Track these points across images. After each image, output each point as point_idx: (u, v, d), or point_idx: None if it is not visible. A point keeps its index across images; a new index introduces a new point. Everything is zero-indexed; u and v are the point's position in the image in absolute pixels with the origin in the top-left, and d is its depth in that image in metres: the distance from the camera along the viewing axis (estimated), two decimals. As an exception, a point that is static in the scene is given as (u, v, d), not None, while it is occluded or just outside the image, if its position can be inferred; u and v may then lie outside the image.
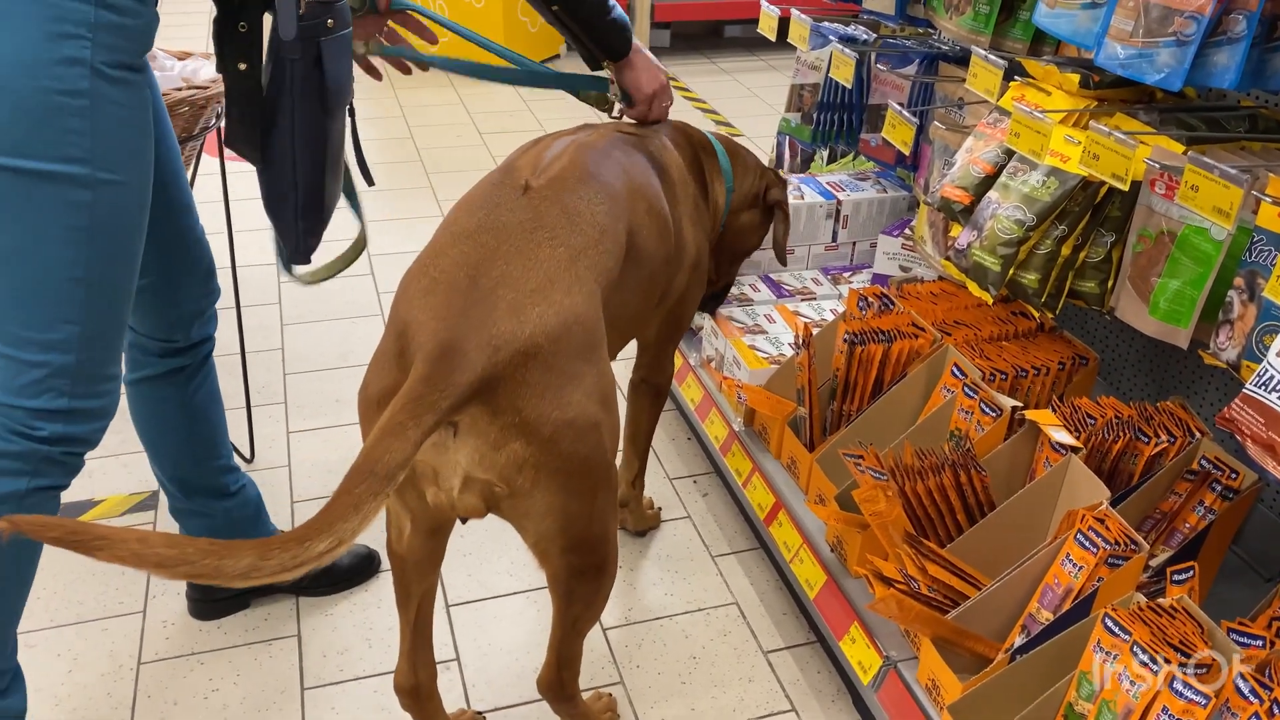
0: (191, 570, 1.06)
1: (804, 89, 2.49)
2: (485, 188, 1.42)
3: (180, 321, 1.69)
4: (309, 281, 1.76)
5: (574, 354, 1.24)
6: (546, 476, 1.24)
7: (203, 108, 1.96)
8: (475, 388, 1.16)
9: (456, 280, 1.24)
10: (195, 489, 1.80)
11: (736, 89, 4.91)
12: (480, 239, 1.29)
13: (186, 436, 1.76)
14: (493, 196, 1.38)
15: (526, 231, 1.30)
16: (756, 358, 2.08)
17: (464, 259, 1.26)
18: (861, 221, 2.43)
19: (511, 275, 1.24)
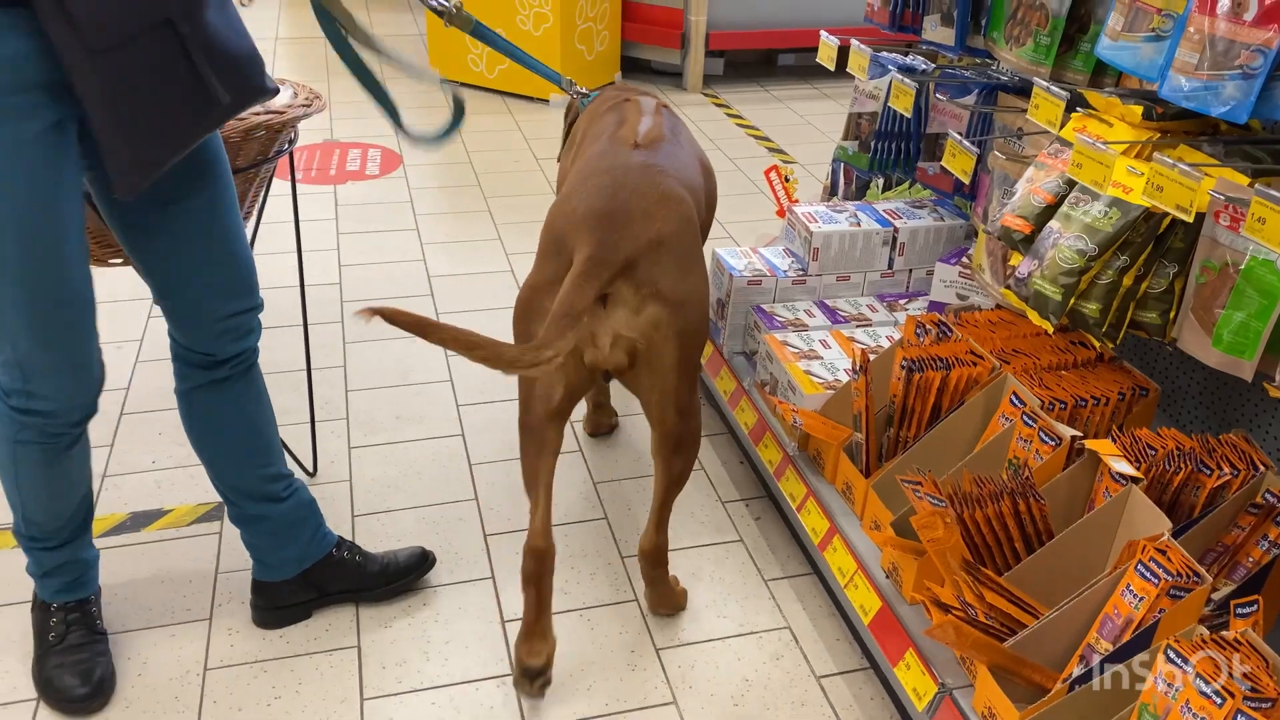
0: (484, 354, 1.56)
1: (861, 117, 2.52)
2: (603, 148, 1.86)
3: (217, 337, 1.74)
4: (430, 143, 1.99)
5: (688, 246, 1.72)
6: (673, 334, 1.67)
7: (278, 131, 2.03)
8: (624, 264, 1.61)
9: (598, 200, 1.67)
10: (247, 494, 1.88)
11: (790, 117, 4.95)
12: (611, 175, 1.74)
13: (233, 444, 1.84)
14: (610, 151, 1.84)
15: (642, 169, 1.76)
16: (812, 383, 2.09)
17: (601, 187, 1.70)
18: (918, 249, 2.44)
19: (639, 194, 1.69)
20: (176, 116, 1.43)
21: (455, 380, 2.74)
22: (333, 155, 4.26)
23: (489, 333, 2.89)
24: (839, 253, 2.40)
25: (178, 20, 1.37)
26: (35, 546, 1.78)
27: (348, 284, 3.24)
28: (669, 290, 1.65)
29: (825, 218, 2.42)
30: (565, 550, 2.14)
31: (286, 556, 1.92)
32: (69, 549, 1.80)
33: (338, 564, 1.96)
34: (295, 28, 6.16)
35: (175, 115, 1.42)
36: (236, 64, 1.47)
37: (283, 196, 2.33)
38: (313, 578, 1.94)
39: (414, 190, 3.97)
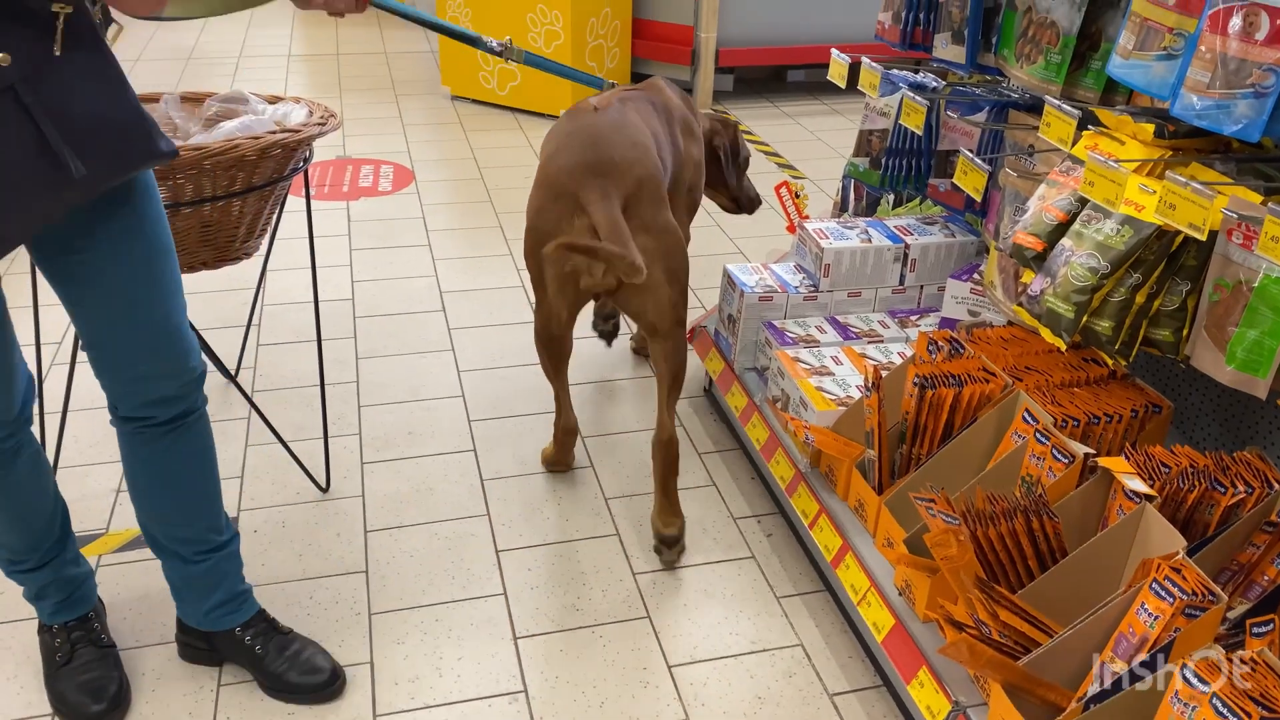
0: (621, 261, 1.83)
1: (873, 134, 2.53)
2: (566, 119, 2.16)
3: (141, 404, 1.64)
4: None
5: (659, 188, 2.02)
6: (659, 258, 1.97)
7: (294, 150, 2.05)
8: (622, 201, 1.90)
9: (582, 154, 1.96)
10: (155, 542, 1.79)
11: (800, 132, 4.96)
12: (584, 133, 2.02)
13: (148, 498, 1.75)
14: (576, 118, 2.11)
15: (611, 127, 2.04)
16: (824, 399, 2.09)
17: (579, 144, 1.99)
18: (929, 265, 2.44)
19: (614, 147, 1.98)
20: (21, 191, 1.31)
21: (467, 396, 2.75)
22: (345, 171, 4.29)
23: (502, 347, 2.93)
24: (850, 269, 2.40)
25: (21, 88, 1.27)
26: (15, 570, 1.76)
27: (360, 300, 3.26)
28: (651, 220, 1.98)
29: (836, 234, 2.43)
30: (576, 567, 2.14)
31: (188, 610, 1.85)
32: (50, 569, 1.77)
33: (237, 643, 1.84)
34: (308, 44, 6.22)
35: (20, 190, 1.31)
36: (101, 132, 1.36)
37: (297, 213, 2.34)
38: (215, 641, 1.86)
39: (426, 206, 3.99)
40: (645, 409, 2.71)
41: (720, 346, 2.55)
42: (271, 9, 6.92)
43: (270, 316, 3.10)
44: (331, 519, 2.27)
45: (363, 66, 5.79)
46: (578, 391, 2.75)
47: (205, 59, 5.79)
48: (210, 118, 2.30)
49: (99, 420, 2.56)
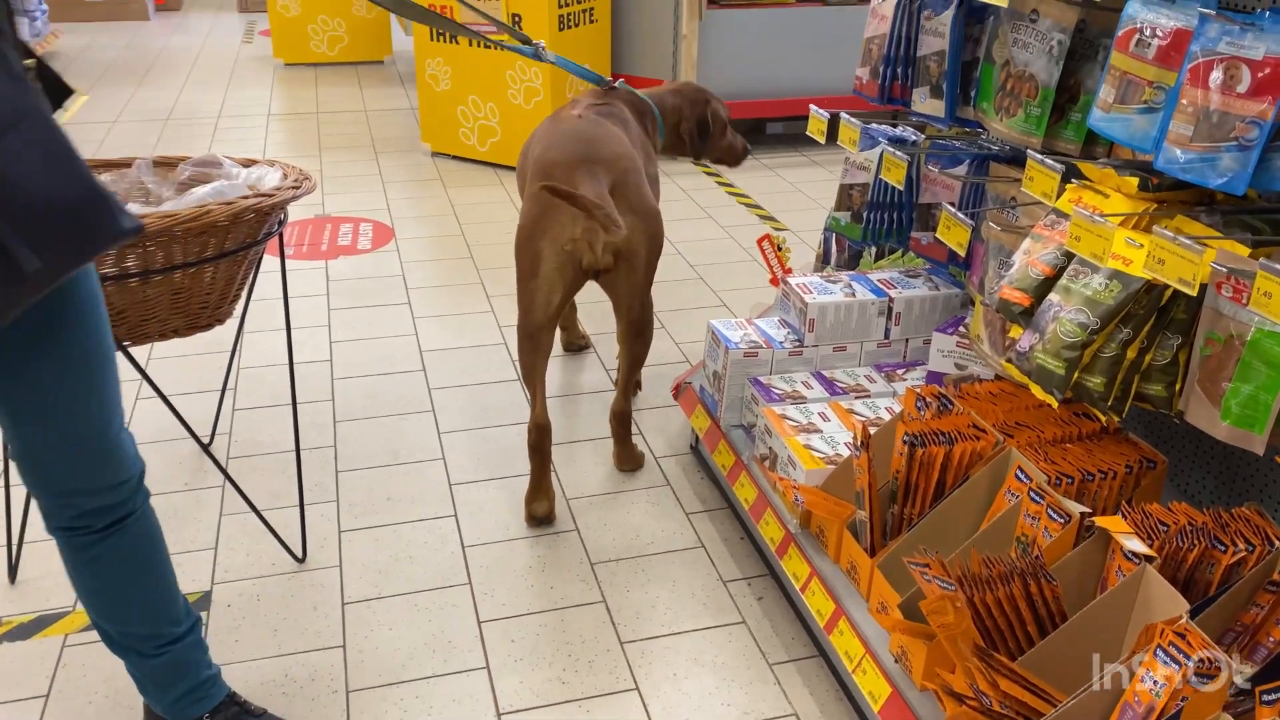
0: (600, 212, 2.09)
1: (853, 188, 2.52)
2: (551, 124, 2.44)
3: (74, 516, 1.54)
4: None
5: (641, 175, 2.32)
6: (645, 238, 2.28)
7: (267, 214, 2.01)
8: (609, 184, 2.17)
9: (573, 150, 2.24)
10: (107, 636, 1.68)
11: (780, 184, 4.98)
12: (573, 135, 2.30)
13: (91, 595, 1.64)
14: (561, 124, 2.39)
15: (594, 128, 2.34)
16: (812, 457, 2.05)
17: (569, 143, 2.26)
18: (914, 318, 2.42)
19: (601, 144, 2.28)
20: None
21: (448, 458, 2.69)
22: (324, 230, 4.26)
23: (482, 406, 2.88)
24: (835, 324, 2.38)
25: None
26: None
27: (339, 361, 3.20)
28: (638, 205, 2.25)
29: (820, 288, 2.41)
30: (561, 637, 2.08)
31: (153, 699, 1.76)
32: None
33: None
34: (288, 104, 6.23)
35: None
36: (54, 216, 1.21)
37: (274, 273, 2.29)
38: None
39: (406, 264, 3.96)
40: (630, 471, 2.65)
41: (706, 403, 2.51)
42: (252, 72, 6.95)
43: (247, 380, 3.05)
44: (308, 591, 2.20)
45: (342, 124, 5.80)
46: (561, 453, 2.70)
47: (184, 120, 5.78)
48: (184, 182, 2.27)
49: (68, 491, 2.50)
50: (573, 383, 3.10)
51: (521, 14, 4.72)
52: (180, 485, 2.54)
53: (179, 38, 8.04)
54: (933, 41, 2.20)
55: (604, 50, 5.19)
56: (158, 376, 2.88)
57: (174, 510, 2.45)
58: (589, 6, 4.96)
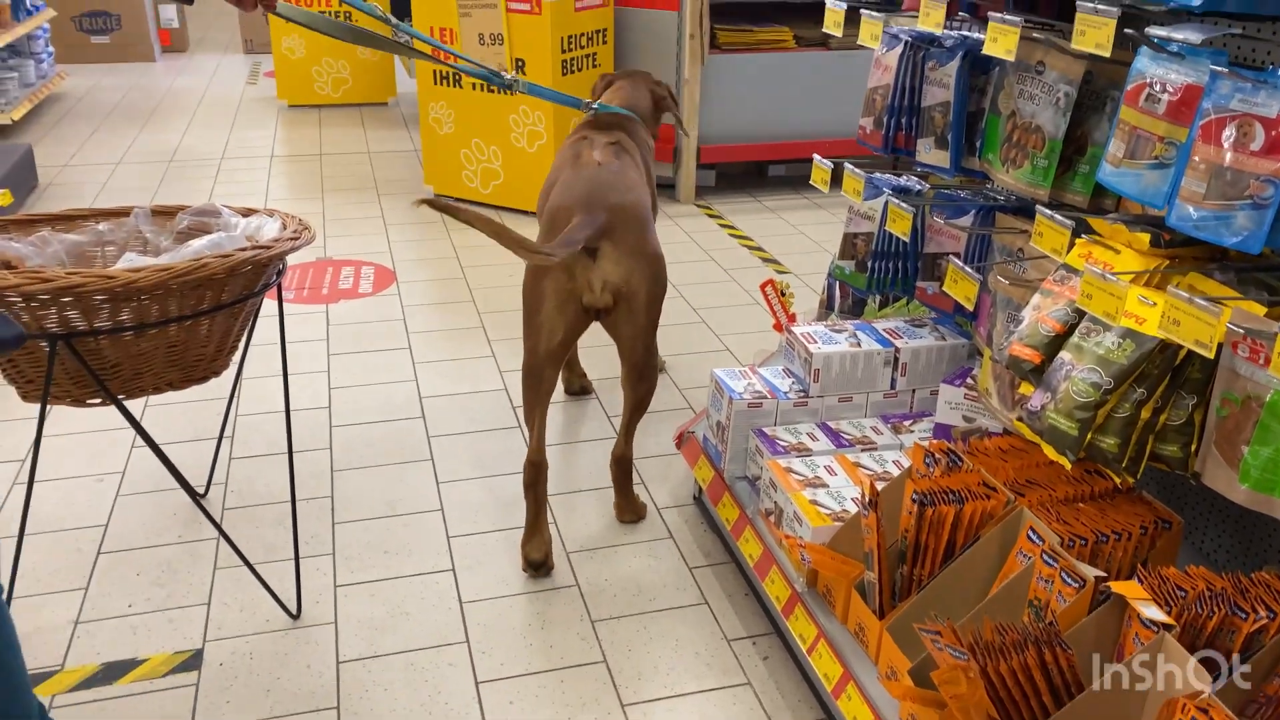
0: (509, 238, 2.18)
1: (857, 237, 2.49)
2: (574, 170, 2.48)
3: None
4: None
5: (647, 219, 2.40)
6: (645, 279, 2.31)
7: (265, 265, 1.99)
8: (606, 228, 2.26)
9: (581, 190, 2.35)
10: None
11: (782, 226, 4.97)
12: (585, 180, 2.40)
13: None
14: (583, 170, 2.46)
15: (607, 172, 2.44)
16: (819, 514, 2.01)
17: (582, 185, 2.37)
18: (921, 369, 2.38)
19: (609, 185, 2.38)
20: None
21: (446, 509, 2.65)
22: (325, 273, 4.25)
23: (482, 455, 2.84)
24: (840, 374, 2.34)
25: None
26: None
27: (337, 408, 3.17)
28: (639, 247, 2.31)
29: (825, 338, 2.38)
30: (561, 699, 2.02)
31: None
32: None
33: None
34: (291, 145, 6.24)
35: None
36: None
37: (273, 317, 2.26)
38: None
39: (407, 308, 3.94)
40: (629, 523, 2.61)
41: (709, 454, 2.47)
42: (256, 113, 6.99)
43: (244, 427, 3.01)
44: (302, 649, 2.15)
45: (345, 166, 5.80)
46: (562, 504, 2.66)
47: (188, 161, 5.79)
48: (182, 231, 2.25)
49: (60, 545, 2.46)
50: (575, 430, 3.06)
51: (525, 59, 4.74)
52: (174, 538, 2.50)
53: (184, 79, 8.09)
54: (937, 92, 2.19)
55: (606, 93, 5.20)
56: (152, 423, 2.86)
57: (166, 564, 2.40)
58: (592, 51, 4.98)
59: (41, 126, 6.48)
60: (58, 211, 2.23)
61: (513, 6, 4.66)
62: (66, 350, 1.81)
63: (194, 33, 9.81)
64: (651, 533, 2.56)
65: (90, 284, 1.72)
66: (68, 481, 2.71)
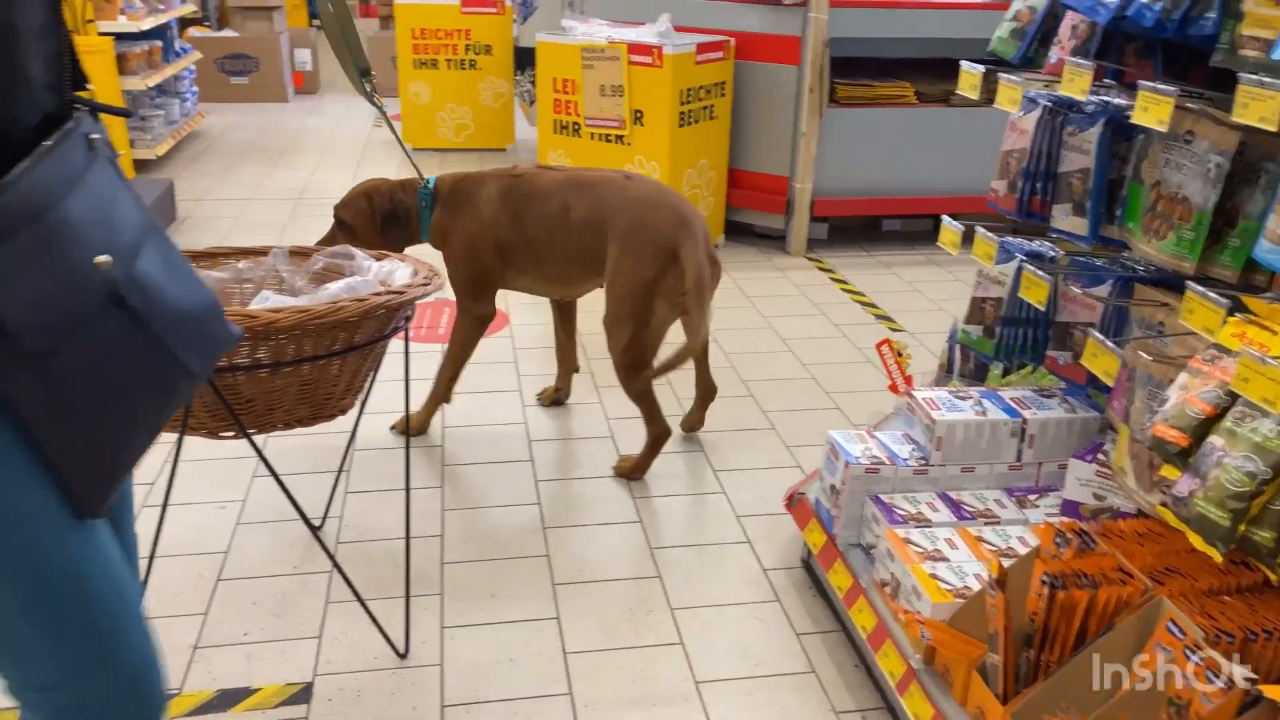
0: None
1: (986, 302, 2.43)
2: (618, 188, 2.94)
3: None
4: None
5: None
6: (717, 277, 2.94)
7: (397, 309, 2.04)
8: (690, 235, 2.79)
9: (677, 210, 2.87)
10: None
11: (896, 283, 4.89)
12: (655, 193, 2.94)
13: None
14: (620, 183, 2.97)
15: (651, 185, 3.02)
16: (940, 589, 1.94)
17: (659, 204, 2.88)
18: (1049, 442, 2.30)
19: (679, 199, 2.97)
20: (149, 408, 1.17)
21: (552, 555, 2.65)
22: (443, 313, 4.34)
23: (587, 503, 2.84)
24: (964, 443, 2.27)
25: (125, 289, 1.09)
26: None
27: (449, 447, 3.22)
28: (707, 250, 2.83)
29: (948, 404, 2.31)
30: (665, 760, 1.98)
31: None
32: None
33: None
34: (412, 186, 6.44)
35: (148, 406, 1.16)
36: (189, 323, 1.20)
37: (395, 354, 2.30)
38: None
39: (519, 350, 3.99)
40: (737, 582, 2.57)
41: (821, 518, 2.42)
42: (381, 155, 7.24)
43: (360, 463, 3.08)
44: (408, 690, 2.16)
45: (463, 208, 5.96)
46: (665, 559, 2.63)
47: (315, 199, 6.03)
48: (317, 272, 2.33)
49: (183, 569, 2.54)
50: (674, 485, 3.04)
51: (644, 110, 4.81)
52: (289, 569, 2.56)
53: (314, 120, 8.46)
54: (1076, 158, 2.13)
55: (723, 146, 5.24)
56: (275, 455, 2.94)
57: (282, 594, 2.46)
58: (710, 104, 5.02)
59: (182, 162, 6.84)
60: (202, 249, 2.33)
61: (635, 59, 4.74)
62: (206, 385, 1.88)
63: (324, 76, 10.27)
64: (758, 594, 2.51)
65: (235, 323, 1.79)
66: (192, 507, 2.81)
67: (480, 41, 7.09)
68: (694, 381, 3.29)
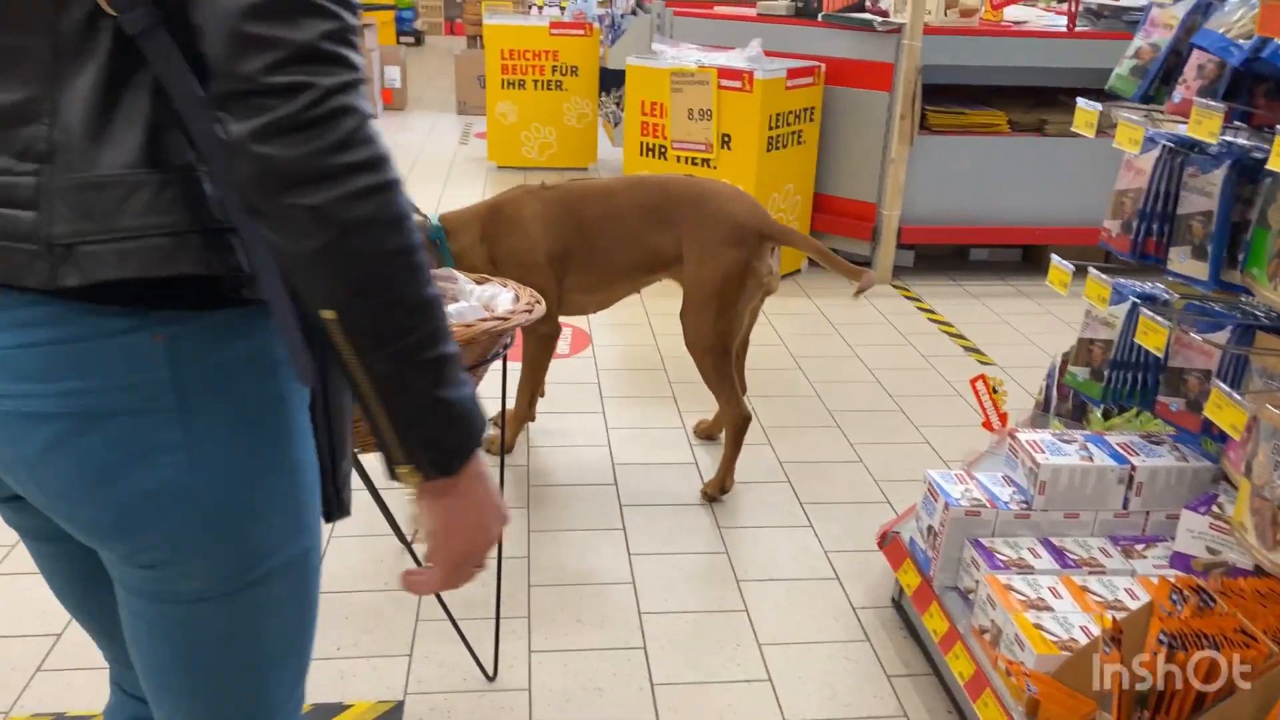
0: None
1: (1094, 343, 2.37)
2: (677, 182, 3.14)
3: None
4: None
5: None
6: None
7: (500, 335, 2.06)
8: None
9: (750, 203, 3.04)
10: None
11: (985, 314, 4.80)
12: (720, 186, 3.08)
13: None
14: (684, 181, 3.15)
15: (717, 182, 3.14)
16: (1045, 640, 1.88)
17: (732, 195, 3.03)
18: (1158, 491, 2.22)
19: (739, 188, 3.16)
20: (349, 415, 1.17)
21: (638, 583, 2.64)
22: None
23: (674, 530, 2.83)
24: (1068, 488, 2.21)
25: None
26: None
27: (534, 466, 3.24)
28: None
29: (1052, 448, 2.25)
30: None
31: None
32: None
33: None
34: (497, 204, 6.53)
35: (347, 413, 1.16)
36: None
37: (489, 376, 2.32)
38: None
39: (601, 371, 4.00)
40: (826, 619, 2.53)
41: (916, 558, 2.37)
42: (467, 173, 7.36)
43: (448, 480, 3.11)
44: (497, 714, 2.17)
45: (547, 227, 6.01)
46: (753, 592, 2.61)
47: (403, 214, 6.14)
48: (419, 294, 2.36)
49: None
50: (758, 517, 3.01)
51: (731, 134, 4.81)
52: (381, 584, 2.59)
53: (403, 136, 8.63)
54: (1197, 200, 2.07)
55: (809, 171, 5.21)
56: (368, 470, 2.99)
57: (373, 610, 2.49)
58: (798, 129, 5.00)
59: (276, 175, 7.02)
60: (311, 268, 2.38)
61: (725, 83, 4.74)
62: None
63: (412, 92, 10.48)
64: (847, 633, 2.47)
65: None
66: (287, 518, 2.86)
67: (567, 63, 7.17)
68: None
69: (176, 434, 0.98)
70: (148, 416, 0.97)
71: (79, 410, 0.96)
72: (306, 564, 1.14)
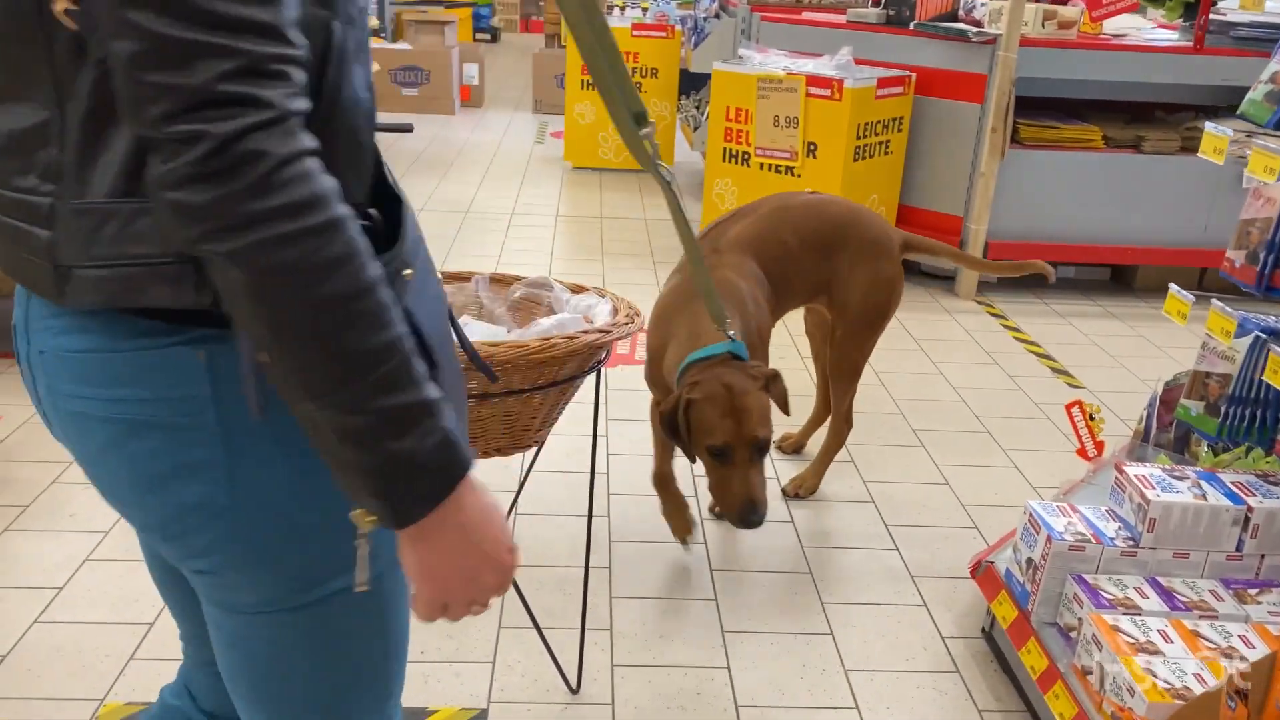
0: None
1: (1210, 378, 2.27)
2: (834, 204, 3.01)
3: None
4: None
5: None
6: None
7: (600, 347, 2.04)
8: None
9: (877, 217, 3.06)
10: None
11: (1073, 335, 4.67)
12: (848, 204, 3.05)
13: None
14: (825, 202, 3.01)
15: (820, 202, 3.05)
16: (1158, 689, 1.81)
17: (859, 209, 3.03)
18: (1275, 534, 2.13)
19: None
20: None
21: (720, 599, 2.61)
22: (604, 337, 4.37)
23: (755, 546, 2.79)
24: (1179, 527, 2.12)
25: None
26: None
27: (614, 475, 3.22)
28: None
29: (1163, 484, 2.17)
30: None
31: None
32: None
33: None
34: (574, 206, 6.54)
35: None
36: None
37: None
38: None
39: (680, 380, 3.97)
40: (914, 648, 2.47)
41: (1013, 591, 2.30)
42: (543, 172, 7.38)
43: (531, 485, 3.10)
44: (581, 726, 2.16)
45: (624, 231, 6.00)
46: (838, 616, 2.56)
47: (481, 213, 6.18)
48: (514, 301, 2.35)
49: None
50: (841, 538, 2.95)
51: (818, 143, 4.74)
52: (464, 589, 2.59)
53: (480, 134, 8.69)
54: (1334, 232, 1.97)
55: (894, 182, 5.12)
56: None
57: (457, 615, 2.48)
58: (886, 139, 4.92)
59: (357, 170, 7.12)
60: (409, 272, 2.39)
61: (813, 91, 4.68)
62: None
63: (489, 91, 10.55)
64: (937, 663, 2.41)
65: (452, 354, 1.82)
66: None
67: (647, 65, 7.15)
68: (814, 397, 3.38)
69: (218, 451, 0.98)
70: (189, 432, 0.98)
71: (127, 418, 0.98)
72: (379, 590, 1.09)
